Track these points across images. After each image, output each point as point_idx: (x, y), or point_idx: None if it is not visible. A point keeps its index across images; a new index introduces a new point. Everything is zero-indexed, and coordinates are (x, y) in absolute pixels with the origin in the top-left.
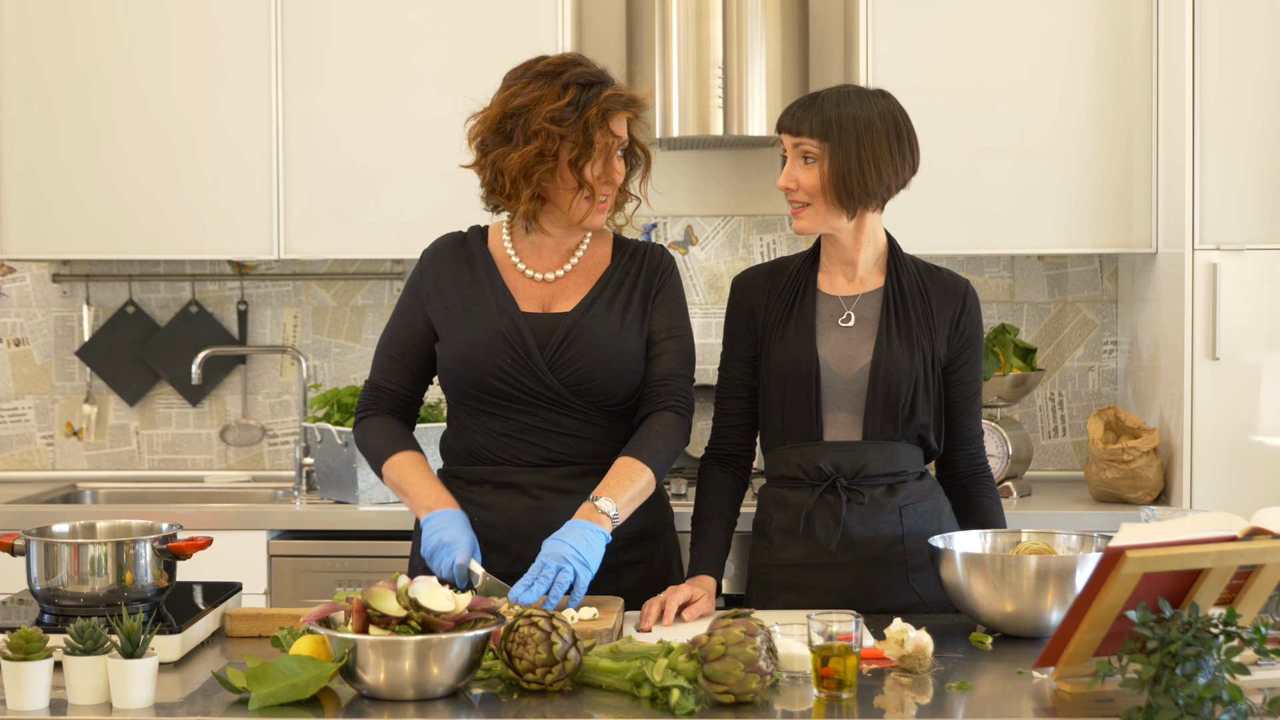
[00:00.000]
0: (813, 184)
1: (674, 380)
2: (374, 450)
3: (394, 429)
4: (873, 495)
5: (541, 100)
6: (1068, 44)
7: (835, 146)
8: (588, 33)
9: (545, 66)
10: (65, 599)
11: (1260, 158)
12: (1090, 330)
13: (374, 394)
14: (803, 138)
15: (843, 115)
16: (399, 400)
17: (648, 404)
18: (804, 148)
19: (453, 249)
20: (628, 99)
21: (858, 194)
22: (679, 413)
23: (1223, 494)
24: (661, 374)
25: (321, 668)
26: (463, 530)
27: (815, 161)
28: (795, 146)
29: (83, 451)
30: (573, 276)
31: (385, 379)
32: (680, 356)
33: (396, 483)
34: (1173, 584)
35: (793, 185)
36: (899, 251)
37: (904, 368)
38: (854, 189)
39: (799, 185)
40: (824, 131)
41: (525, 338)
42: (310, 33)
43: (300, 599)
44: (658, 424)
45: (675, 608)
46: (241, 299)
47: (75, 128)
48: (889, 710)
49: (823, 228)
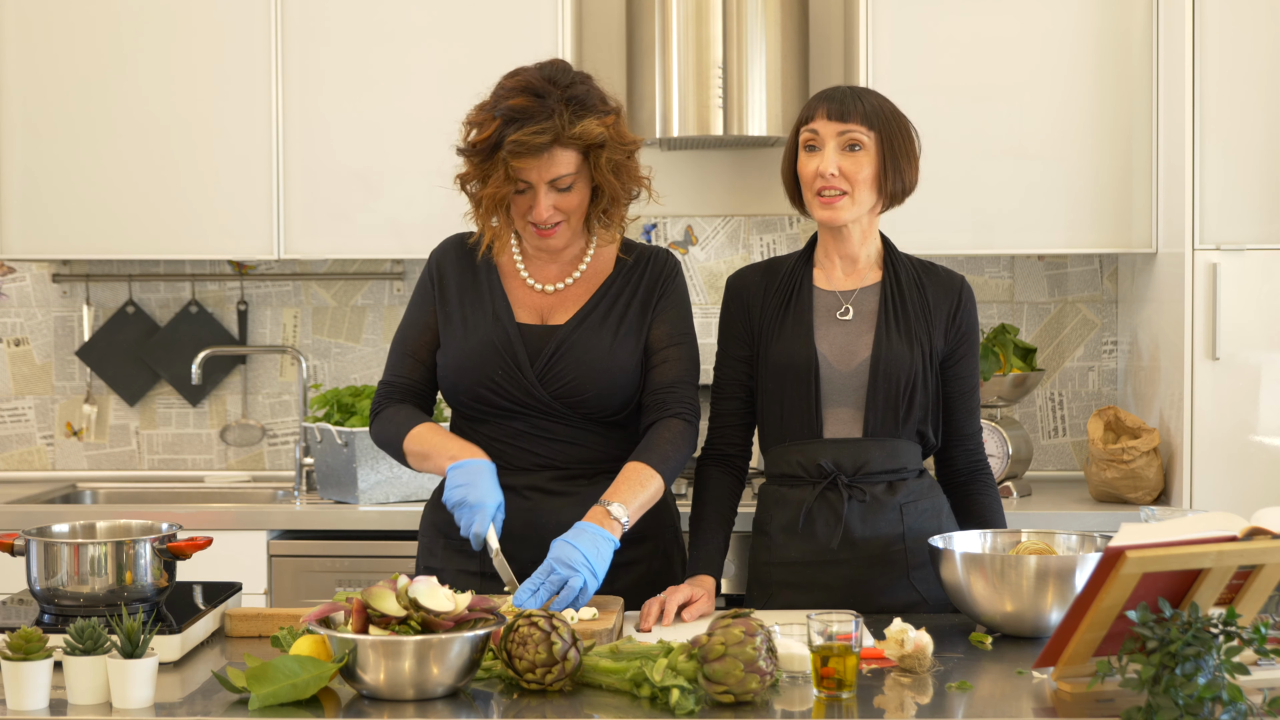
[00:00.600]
0: (859, 172)
1: (680, 388)
2: (391, 435)
3: (406, 411)
4: (873, 493)
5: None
6: (1068, 44)
7: (883, 137)
8: (588, 33)
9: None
10: (65, 599)
11: (1260, 158)
12: (1090, 330)
13: (387, 390)
14: (853, 124)
15: (883, 108)
16: (413, 393)
17: (654, 411)
18: (854, 135)
19: (460, 251)
20: (532, 137)
21: (897, 186)
22: (687, 420)
23: (1223, 494)
24: (667, 381)
25: (321, 668)
26: (489, 489)
27: (862, 150)
28: (842, 134)
29: (83, 451)
30: (574, 289)
31: (398, 374)
32: (686, 364)
33: (418, 451)
34: (1173, 584)
35: (836, 172)
36: (893, 249)
37: (904, 361)
38: (899, 180)
39: (843, 173)
40: (873, 120)
41: (517, 350)
42: (310, 33)
43: (300, 599)
44: (667, 431)
45: (675, 607)
46: (241, 299)
47: (75, 128)
48: (889, 710)
49: (851, 218)
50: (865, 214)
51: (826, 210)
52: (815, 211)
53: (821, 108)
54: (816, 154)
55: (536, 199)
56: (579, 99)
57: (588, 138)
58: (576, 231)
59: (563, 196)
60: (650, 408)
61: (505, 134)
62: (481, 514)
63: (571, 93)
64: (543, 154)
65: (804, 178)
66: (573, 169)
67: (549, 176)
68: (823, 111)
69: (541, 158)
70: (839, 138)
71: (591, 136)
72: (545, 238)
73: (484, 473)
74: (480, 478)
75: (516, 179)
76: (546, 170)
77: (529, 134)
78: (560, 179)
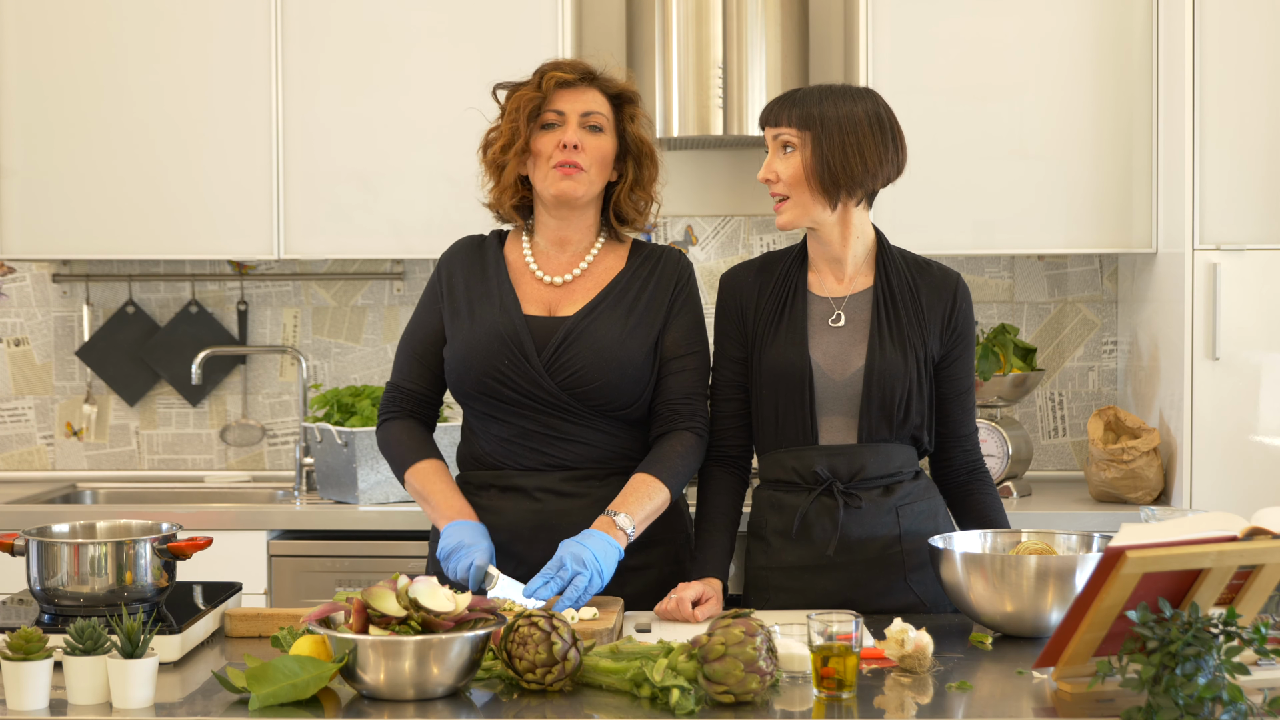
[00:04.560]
0: (791, 174)
1: (694, 401)
2: (397, 456)
3: (416, 435)
4: (869, 497)
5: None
6: (1068, 44)
7: (816, 135)
8: (588, 33)
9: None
10: (65, 599)
11: (1260, 158)
12: (1090, 330)
13: (395, 395)
14: (781, 128)
15: (824, 106)
16: (419, 401)
17: (666, 422)
18: (784, 138)
19: (469, 251)
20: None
21: (842, 181)
22: (698, 434)
23: (1223, 494)
24: (682, 393)
25: (321, 668)
26: (481, 536)
27: (794, 151)
28: (775, 138)
29: (83, 451)
30: (582, 281)
31: (405, 379)
32: (699, 375)
33: (419, 490)
34: (1173, 584)
35: (772, 177)
36: (887, 248)
37: (898, 369)
38: (837, 177)
39: (778, 176)
40: (803, 121)
41: (523, 339)
42: (310, 33)
43: (300, 599)
44: (679, 444)
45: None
46: (241, 299)
47: (75, 128)
48: (889, 710)
49: (805, 221)
50: (824, 214)
51: (777, 216)
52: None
53: (761, 115)
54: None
55: (568, 125)
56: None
57: (618, 85)
58: (595, 183)
59: (591, 136)
60: (661, 418)
61: (544, 71)
62: (479, 551)
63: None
64: (578, 87)
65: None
66: (604, 110)
67: (581, 109)
68: (761, 119)
69: (577, 89)
70: (774, 141)
71: (622, 85)
72: (568, 176)
73: (477, 531)
74: (474, 531)
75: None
76: (580, 102)
77: (566, 68)
78: (591, 115)
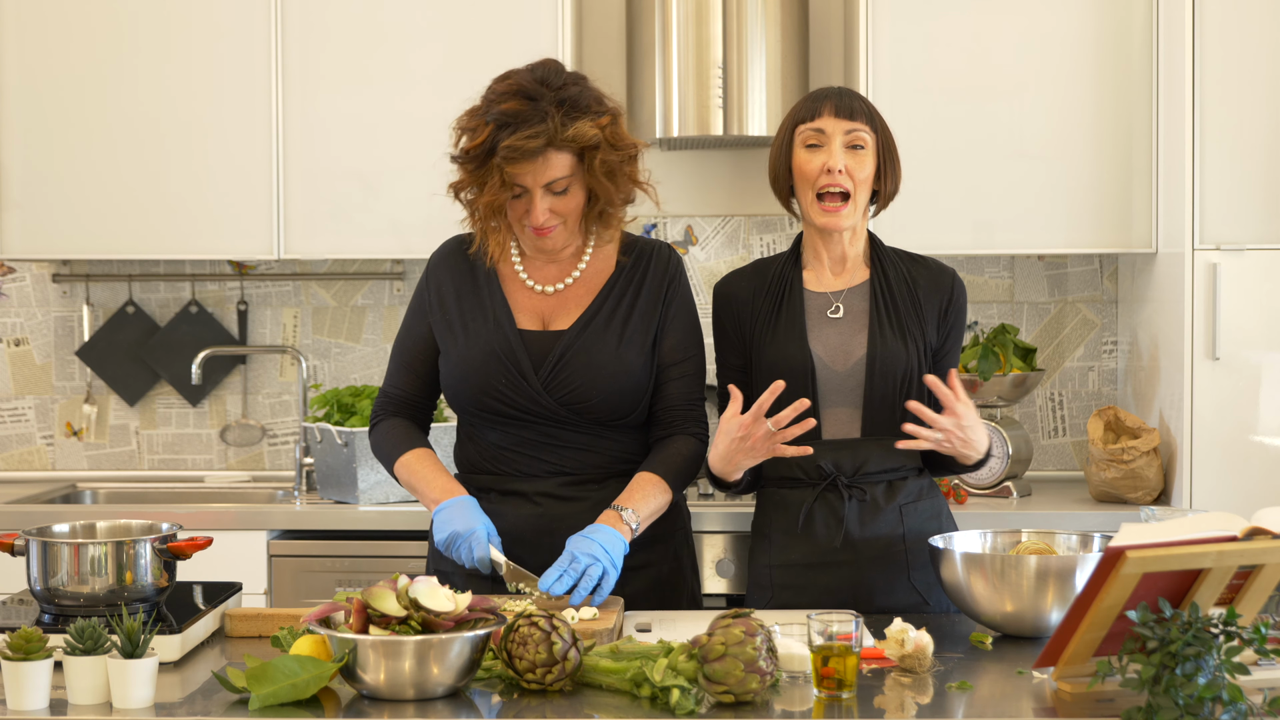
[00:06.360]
0: (866, 174)
1: (694, 407)
2: (385, 454)
3: (403, 430)
4: (873, 493)
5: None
6: (1068, 44)
7: (880, 138)
8: (588, 33)
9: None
10: (65, 599)
11: (1260, 158)
12: (1090, 330)
13: (385, 401)
14: (858, 123)
15: (875, 110)
16: (409, 406)
17: (667, 426)
18: (858, 134)
19: (457, 256)
20: (529, 140)
21: (890, 188)
22: (700, 440)
23: (1223, 494)
24: (684, 399)
25: (321, 668)
26: (475, 516)
27: (864, 150)
28: (848, 132)
29: (83, 451)
30: (574, 289)
31: (395, 386)
32: (698, 379)
33: (407, 481)
34: (1173, 584)
35: (846, 174)
36: (880, 245)
37: (899, 358)
38: (892, 181)
39: (853, 175)
40: (874, 120)
41: (520, 358)
42: (310, 33)
43: (300, 599)
44: (684, 448)
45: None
46: (241, 299)
47: (75, 128)
48: (889, 710)
49: (850, 224)
50: (862, 219)
51: (828, 217)
52: (815, 217)
53: (827, 105)
54: (820, 151)
55: (532, 203)
56: (572, 100)
57: (581, 140)
58: (574, 232)
59: (559, 199)
60: (663, 423)
61: (499, 139)
62: (477, 540)
63: (564, 94)
64: (537, 158)
65: (806, 175)
66: (567, 172)
67: (544, 180)
68: (829, 109)
69: (536, 162)
70: (845, 135)
71: (585, 139)
72: (542, 237)
73: (468, 506)
74: (465, 511)
75: (512, 184)
76: (541, 174)
77: (522, 139)
78: (555, 182)
